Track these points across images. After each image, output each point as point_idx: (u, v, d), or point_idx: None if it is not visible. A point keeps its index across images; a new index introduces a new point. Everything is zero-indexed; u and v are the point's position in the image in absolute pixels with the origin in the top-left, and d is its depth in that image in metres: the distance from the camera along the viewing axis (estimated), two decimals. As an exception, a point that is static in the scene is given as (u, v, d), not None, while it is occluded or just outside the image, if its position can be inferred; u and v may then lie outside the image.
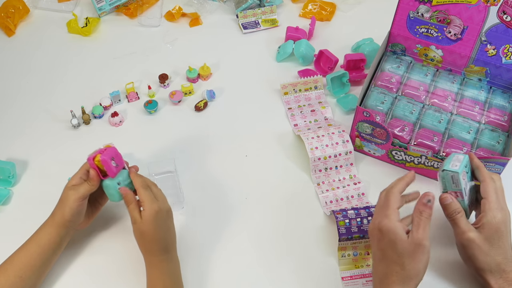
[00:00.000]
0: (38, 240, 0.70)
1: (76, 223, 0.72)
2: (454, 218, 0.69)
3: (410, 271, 0.62)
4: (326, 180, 0.84)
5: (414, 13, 0.86)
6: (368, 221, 0.74)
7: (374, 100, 0.86)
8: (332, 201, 0.82)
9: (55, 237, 0.71)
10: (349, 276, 0.74)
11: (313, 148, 0.83)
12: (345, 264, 0.75)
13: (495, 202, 0.68)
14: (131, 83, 0.94)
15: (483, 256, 0.67)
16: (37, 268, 0.69)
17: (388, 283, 0.63)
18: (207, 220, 0.80)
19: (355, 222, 0.74)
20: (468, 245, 0.68)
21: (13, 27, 1.05)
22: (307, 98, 0.94)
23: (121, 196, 0.71)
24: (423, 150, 0.81)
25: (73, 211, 0.70)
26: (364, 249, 0.75)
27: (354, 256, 0.75)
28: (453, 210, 0.69)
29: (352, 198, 0.82)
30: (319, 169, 0.84)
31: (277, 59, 1.02)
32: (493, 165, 0.77)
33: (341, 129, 0.85)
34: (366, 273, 0.74)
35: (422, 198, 0.66)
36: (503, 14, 0.80)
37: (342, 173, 0.84)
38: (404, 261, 0.62)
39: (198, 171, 0.86)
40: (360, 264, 0.75)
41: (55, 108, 0.94)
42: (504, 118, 0.84)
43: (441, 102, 0.86)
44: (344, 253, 0.75)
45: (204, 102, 0.94)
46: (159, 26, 1.08)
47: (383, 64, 0.91)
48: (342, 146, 0.83)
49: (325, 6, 1.10)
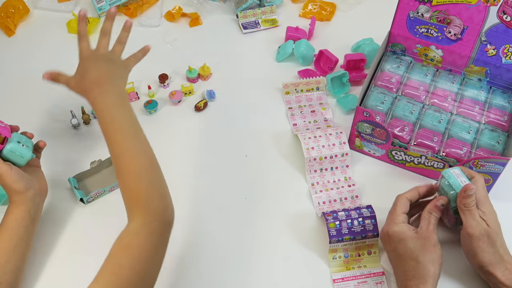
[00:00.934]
0: (4, 225, 0.70)
1: (34, 188, 0.72)
2: (470, 208, 0.68)
3: (426, 264, 0.66)
4: (321, 181, 0.84)
5: (414, 13, 0.86)
6: (358, 222, 0.74)
7: (374, 100, 0.86)
8: (325, 202, 0.81)
9: (21, 213, 0.70)
10: (340, 278, 0.74)
11: (309, 148, 0.83)
12: (336, 266, 0.75)
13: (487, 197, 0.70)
14: (131, 83, 0.94)
15: (491, 248, 0.68)
16: (11, 249, 0.68)
17: (407, 278, 0.66)
18: (207, 220, 0.80)
19: (346, 224, 0.74)
20: (480, 237, 0.68)
21: (13, 27, 1.05)
22: (309, 99, 0.94)
23: (28, 157, 0.72)
24: (423, 150, 0.81)
25: (9, 179, 0.69)
26: (355, 251, 0.75)
27: (345, 258, 0.75)
28: (472, 199, 0.69)
29: (346, 200, 0.82)
30: (314, 170, 0.84)
31: (277, 59, 1.02)
32: (493, 165, 0.77)
33: (339, 130, 0.85)
34: (357, 274, 0.74)
35: (435, 201, 0.70)
36: (503, 14, 0.80)
37: (337, 174, 0.84)
38: (418, 255, 0.66)
39: (198, 171, 0.86)
40: (352, 266, 0.75)
41: (55, 108, 0.94)
42: (504, 118, 0.84)
43: (441, 102, 0.86)
44: (335, 255, 0.75)
45: (204, 102, 0.94)
46: (159, 26, 1.08)
47: (383, 64, 0.91)
48: (339, 148, 0.83)
49: (325, 6, 1.10)
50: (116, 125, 0.69)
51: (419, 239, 0.67)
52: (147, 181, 0.66)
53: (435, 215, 0.69)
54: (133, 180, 0.65)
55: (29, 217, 0.71)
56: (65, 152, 0.88)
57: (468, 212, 0.68)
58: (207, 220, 0.80)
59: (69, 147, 0.89)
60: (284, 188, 0.84)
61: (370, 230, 0.74)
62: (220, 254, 0.77)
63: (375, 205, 0.76)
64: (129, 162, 0.66)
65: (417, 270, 0.66)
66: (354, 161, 0.87)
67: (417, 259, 0.66)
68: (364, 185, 0.84)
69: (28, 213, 0.71)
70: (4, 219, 0.71)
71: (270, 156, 0.88)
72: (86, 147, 0.89)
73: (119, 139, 0.68)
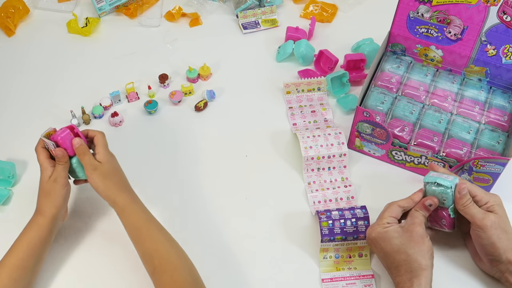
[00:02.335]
0: (27, 239, 0.70)
1: (62, 212, 0.73)
2: (468, 206, 0.69)
3: (416, 257, 0.66)
4: (317, 180, 0.84)
5: (414, 13, 0.86)
6: (351, 222, 0.74)
7: (374, 100, 0.86)
8: (320, 201, 0.81)
9: (45, 233, 0.70)
10: (329, 278, 0.74)
11: (307, 147, 0.83)
12: (326, 266, 0.75)
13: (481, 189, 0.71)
14: (131, 83, 0.94)
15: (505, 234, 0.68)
16: (29, 267, 0.69)
17: (400, 274, 0.67)
18: (207, 220, 0.80)
19: (339, 223, 0.74)
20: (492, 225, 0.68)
21: (13, 27, 1.05)
22: (309, 99, 0.94)
23: None
24: (423, 150, 0.81)
25: (63, 198, 0.71)
26: (346, 252, 0.75)
27: (336, 258, 0.75)
28: (467, 199, 0.69)
29: (341, 201, 0.82)
30: (311, 169, 0.84)
31: (277, 59, 1.02)
32: (493, 165, 0.77)
33: (338, 131, 0.85)
34: (346, 276, 0.74)
35: (425, 200, 0.70)
36: (503, 14, 0.80)
37: (334, 174, 0.84)
38: (406, 248, 0.66)
39: (198, 172, 0.86)
40: (342, 267, 0.75)
41: (55, 108, 0.94)
42: (504, 118, 0.84)
43: (441, 102, 0.86)
44: (326, 254, 0.75)
45: (204, 102, 0.94)
46: (159, 26, 1.08)
47: (383, 64, 0.91)
48: (337, 148, 0.83)
49: (327, 7, 1.09)
50: None
51: (404, 233, 0.67)
52: None
53: (422, 212, 0.70)
54: None
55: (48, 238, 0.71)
56: (65, 152, 0.88)
57: (469, 208, 0.69)
58: (207, 221, 0.80)
59: (69, 147, 0.89)
60: (281, 187, 0.84)
61: (362, 232, 0.74)
62: (213, 252, 0.77)
63: (372, 206, 0.76)
64: (161, 260, 0.66)
65: (408, 264, 0.66)
66: (354, 161, 0.87)
67: (406, 252, 0.66)
68: (363, 186, 0.84)
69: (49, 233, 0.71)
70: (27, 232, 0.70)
71: (270, 156, 0.88)
72: (86, 147, 0.89)
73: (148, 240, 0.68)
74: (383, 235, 0.69)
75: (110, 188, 0.70)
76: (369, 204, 0.77)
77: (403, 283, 0.66)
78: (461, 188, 0.69)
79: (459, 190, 0.69)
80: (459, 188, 0.69)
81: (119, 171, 0.73)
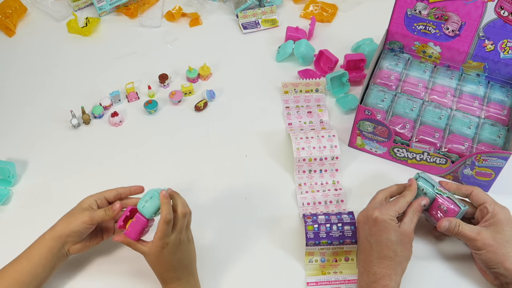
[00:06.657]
0: (29, 255, 0.68)
1: (72, 242, 0.70)
2: (458, 232, 0.70)
3: (401, 260, 0.68)
4: (308, 182, 0.83)
5: (412, 11, 0.86)
6: (337, 227, 0.73)
7: (374, 98, 0.86)
8: (309, 203, 0.81)
9: (46, 253, 0.68)
10: (314, 282, 0.73)
11: (299, 148, 0.82)
12: (312, 269, 0.74)
13: (495, 202, 0.71)
14: (131, 83, 0.94)
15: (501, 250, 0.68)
16: (26, 285, 0.67)
17: (381, 267, 0.67)
18: (206, 220, 0.80)
19: (324, 228, 0.73)
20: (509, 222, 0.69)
21: (12, 27, 1.06)
22: (307, 100, 0.94)
23: None
24: (425, 147, 0.81)
25: (78, 229, 0.69)
26: (332, 256, 0.75)
27: (322, 262, 0.74)
28: (453, 227, 0.71)
29: (330, 204, 0.81)
30: (303, 170, 0.83)
31: (277, 59, 1.02)
32: (496, 160, 0.77)
33: (332, 133, 0.84)
34: (332, 280, 0.73)
35: (419, 200, 0.72)
36: (501, 9, 0.80)
37: (325, 177, 0.84)
38: (397, 249, 0.68)
39: (198, 172, 0.86)
40: (327, 271, 0.74)
41: (55, 108, 0.94)
42: (503, 112, 0.84)
43: (440, 98, 0.86)
44: (311, 258, 0.74)
45: (204, 102, 0.94)
46: (159, 26, 1.08)
47: (381, 62, 0.91)
48: (329, 151, 0.83)
49: (327, 7, 1.10)
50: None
51: (401, 234, 0.68)
52: None
53: (418, 214, 0.71)
54: None
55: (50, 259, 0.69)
56: (65, 152, 0.88)
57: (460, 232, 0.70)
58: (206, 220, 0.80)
59: (69, 147, 0.89)
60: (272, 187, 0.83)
61: (349, 237, 0.73)
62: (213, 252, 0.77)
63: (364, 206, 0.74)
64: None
65: (393, 262, 0.67)
66: (354, 160, 0.86)
67: (396, 252, 0.68)
68: (363, 184, 0.83)
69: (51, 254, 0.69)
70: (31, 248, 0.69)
71: (269, 156, 0.88)
72: (86, 147, 0.89)
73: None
74: (385, 224, 0.68)
75: (156, 273, 0.69)
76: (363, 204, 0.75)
77: (381, 276, 0.66)
78: (441, 226, 0.71)
79: (438, 227, 0.72)
80: (439, 226, 0.72)
81: (168, 261, 0.67)
